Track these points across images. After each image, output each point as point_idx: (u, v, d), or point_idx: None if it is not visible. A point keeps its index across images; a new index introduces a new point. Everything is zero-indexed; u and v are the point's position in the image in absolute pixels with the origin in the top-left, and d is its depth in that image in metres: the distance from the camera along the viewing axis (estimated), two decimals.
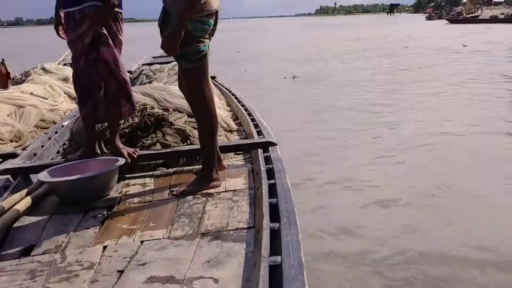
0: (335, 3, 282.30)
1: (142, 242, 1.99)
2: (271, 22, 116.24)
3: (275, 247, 1.65)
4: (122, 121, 3.14)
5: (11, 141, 4.68)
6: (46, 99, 5.70)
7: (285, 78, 12.18)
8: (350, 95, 9.44)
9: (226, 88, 5.67)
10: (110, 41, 2.76)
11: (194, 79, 2.52)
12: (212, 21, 2.46)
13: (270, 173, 2.48)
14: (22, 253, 2.03)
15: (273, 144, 2.99)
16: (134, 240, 2.02)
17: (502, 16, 43.91)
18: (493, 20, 42.85)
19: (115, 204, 2.49)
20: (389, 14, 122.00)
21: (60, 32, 2.89)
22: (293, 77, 12.14)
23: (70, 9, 2.69)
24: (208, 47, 2.47)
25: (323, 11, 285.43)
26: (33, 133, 5.03)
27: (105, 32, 2.74)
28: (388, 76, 11.77)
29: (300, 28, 60.78)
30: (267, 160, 2.74)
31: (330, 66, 14.78)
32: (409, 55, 17.18)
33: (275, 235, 1.74)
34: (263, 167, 2.55)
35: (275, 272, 1.47)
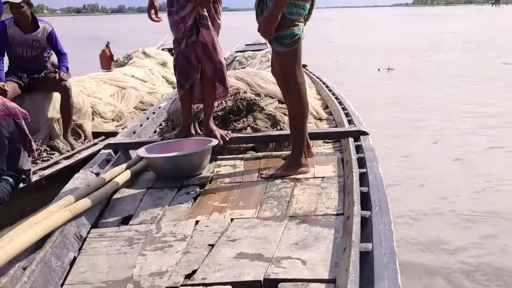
0: None
1: (232, 219, 2.05)
2: (365, 12, 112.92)
3: (366, 235, 1.62)
4: (216, 104, 3.24)
5: (113, 120, 5.02)
6: (145, 82, 6.03)
7: (379, 70, 11.79)
8: (451, 92, 8.83)
9: (316, 77, 5.63)
10: (210, 23, 2.84)
11: (287, 63, 2.52)
12: (308, 5, 2.44)
13: (361, 162, 2.43)
14: (121, 222, 2.17)
15: (365, 133, 2.92)
16: (224, 217, 2.08)
17: None
18: None
19: (207, 183, 2.58)
20: (494, 5, 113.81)
21: (152, 15, 2.95)
22: (388, 70, 11.72)
23: None
24: (302, 31, 2.46)
25: (421, 1, 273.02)
26: (132, 114, 5.36)
27: (206, 14, 2.82)
28: (497, 75, 10.85)
29: (395, 18, 58.39)
30: (358, 149, 2.69)
31: (428, 60, 13.97)
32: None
33: (365, 222, 1.71)
34: (354, 156, 2.51)
35: (366, 259, 1.45)
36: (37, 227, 1.75)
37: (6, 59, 4.10)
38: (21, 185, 2.96)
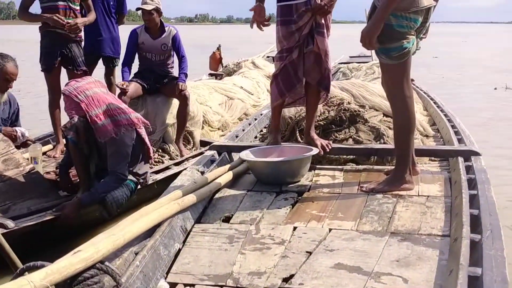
0: None
1: (330, 229, 2.04)
2: (479, 29, 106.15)
3: (475, 259, 1.53)
4: (318, 113, 3.24)
5: (218, 129, 5.19)
6: (252, 94, 6.16)
7: (495, 89, 11.02)
8: None
9: (424, 92, 5.40)
10: (325, 31, 2.85)
11: (394, 76, 2.46)
12: (420, 19, 2.35)
13: (471, 184, 2.29)
14: (222, 220, 2.25)
15: (476, 153, 2.76)
16: (322, 226, 2.08)
17: None
18: None
19: (306, 191, 2.59)
20: None
21: (262, 23, 2.89)
22: (506, 88, 10.91)
23: (294, 2, 2.82)
24: (413, 44, 2.38)
25: None
26: (236, 124, 5.50)
27: (323, 22, 2.83)
28: None
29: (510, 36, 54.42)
30: (468, 169, 2.54)
31: None
32: None
33: (475, 246, 1.61)
34: (464, 176, 2.37)
35: (474, 284, 1.37)
36: (149, 216, 1.88)
37: (136, 61, 4.41)
38: (138, 186, 3.17)
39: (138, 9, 4.21)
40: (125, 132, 2.89)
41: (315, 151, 2.83)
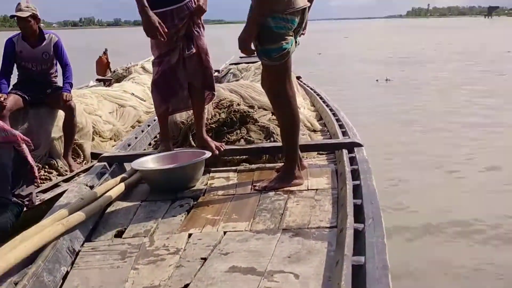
0: (428, 5, 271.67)
1: (225, 232, 2.04)
2: (359, 24, 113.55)
3: (358, 248, 1.62)
4: (209, 117, 3.25)
5: (110, 139, 4.97)
6: (144, 101, 6.00)
7: (377, 80, 11.84)
8: (449, 103, 8.87)
9: (310, 88, 5.65)
10: (202, 29, 2.87)
11: (276, 77, 2.52)
12: (297, 19, 2.43)
13: (355, 174, 2.43)
14: (114, 235, 2.16)
15: (359, 145, 2.93)
16: (217, 230, 2.08)
17: None
18: None
19: (201, 195, 2.58)
20: (486, 17, 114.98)
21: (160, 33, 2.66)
22: (387, 80, 11.77)
23: (170, 8, 2.74)
24: (291, 45, 2.46)
25: (415, 13, 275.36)
26: (129, 133, 5.31)
27: (199, 21, 2.84)
28: (490, 86, 10.91)
29: (390, 30, 58.95)
30: (352, 161, 2.69)
31: (425, 71, 14.04)
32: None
33: (358, 235, 1.71)
34: (347, 168, 2.51)
35: (358, 272, 1.45)
36: (29, 241, 1.74)
37: (15, 72, 4.09)
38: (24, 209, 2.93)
39: (12, 16, 3.90)
40: (1, 152, 2.66)
41: (208, 154, 2.83)
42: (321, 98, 4.98)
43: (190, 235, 2.05)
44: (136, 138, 3.79)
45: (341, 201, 2.17)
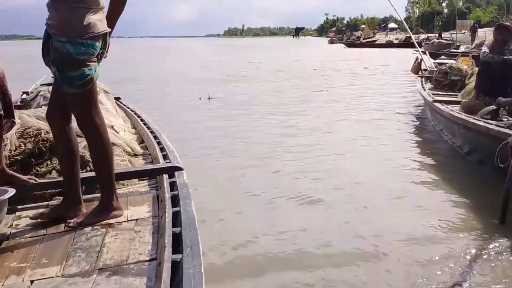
0: (243, 25, 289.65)
1: (32, 282, 1.82)
2: (180, 42, 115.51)
3: (177, 280, 1.58)
4: (13, 148, 2.90)
5: None
6: None
7: (200, 99, 12.05)
8: (264, 118, 9.45)
9: (131, 110, 5.49)
10: None
11: (82, 105, 2.37)
12: (98, 44, 2.33)
13: (175, 200, 2.40)
14: None
15: (179, 168, 2.91)
16: (23, 280, 1.84)
17: (397, 41, 47.46)
18: (389, 44, 46.11)
19: (4, 239, 2.27)
20: (294, 37, 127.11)
21: None
22: (209, 99, 12.05)
23: None
24: (95, 71, 2.34)
25: (231, 32, 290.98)
26: None
27: None
28: (299, 99, 12.01)
29: (211, 48, 61.12)
30: (173, 186, 2.66)
31: (244, 88, 14.81)
32: (320, 77, 17.87)
33: (177, 267, 1.67)
34: (168, 194, 2.47)
35: None
36: None
37: None
38: None
39: None
40: None
41: (11, 192, 2.51)
42: (142, 120, 4.87)
43: None
44: None
45: (161, 231, 2.12)
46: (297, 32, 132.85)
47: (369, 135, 7.72)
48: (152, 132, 4.24)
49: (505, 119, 5.68)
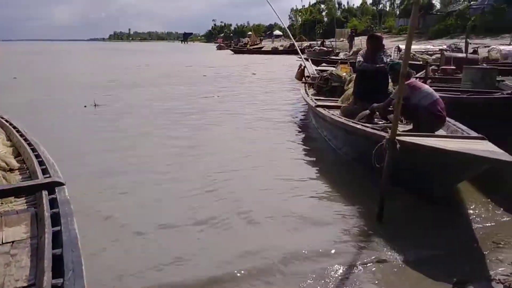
0: (129, 30, 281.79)
1: None
2: (63, 46, 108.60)
3: None
4: None
5: None
6: None
7: (85, 106, 11.38)
8: (150, 124, 9.25)
9: (6, 120, 5.04)
10: None
11: None
12: None
13: (56, 219, 2.25)
14: None
15: (60, 184, 2.73)
16: None
17: (282, 48, 49.35)
18: (275, 51, 47.78)
19: None
20: (183, 42, 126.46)
21: None
22: (95, 106, 11.44)
23: None
24: None
25: (117, 36, 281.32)
26: None
27: None
28: (189, 106, 11.87)
29: (96, 53, 58.43)
30: (52, 203, 2.48)
31: (131, 94, 14.32)
32: (211, 83, 17.88)
33: None
34: (47, 212, 2.30)
35: None
36: None
37: None
38: None
39: None
40: None
41: None
42: (18, 131, 4.49)
43: None
44: None
45: (40, 253, 1.96)
46: (186, 37, 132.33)
47: (255, 140, 7.87)
48: (29, 144, 3.94)
49: (380, 122, 6.20)
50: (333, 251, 3.75)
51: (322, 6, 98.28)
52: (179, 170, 6.06)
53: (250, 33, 74.47)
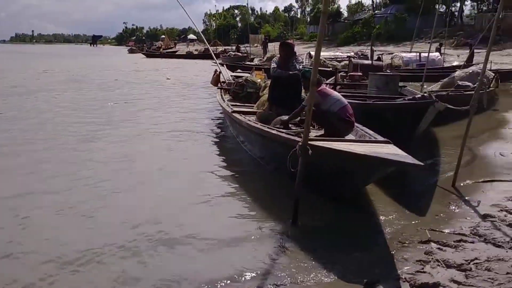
0: (32, 31, 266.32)
1: None
2: None
3: None
4: None
5: None
6: None
7: None
8: (57, 131, 8.77)
9: None
10: None
11: None
12: None
13: None
14: None
15: None
16: None
17: (196, 52, 49.07)
18: (189, 55, 47.36)
19: None
20: (92, 45, 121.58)
21: None
22: None
23: None
24: None
25: (19, 39, 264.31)
26: None
27: None
28: (99, 111, 11.39)
29: None
30: None
31: (37, 100, 13.39)
32: (121, 88, 17.28)
33: None
34: None
35: None
36: None
37: None
38: None
39: None
40: None
41: None
42: None
43: None
44: None
45: None
46: (95, 40, 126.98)
47: (171, 147, 7.73)
48: None
49: (295, 128, 6.39)
50: (247, 251, 3.84)
51: (236, 11, 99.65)
52: (73, 186, 5.53)
53: (163, 36, 73.32)
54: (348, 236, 4.21)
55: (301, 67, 7.52)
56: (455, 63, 21.22)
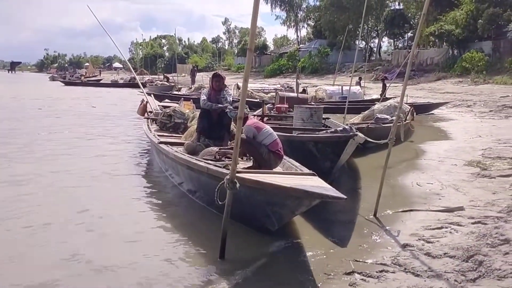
0: None
1: None
2: None
3: None
4: None
5: None
6: None
7: None
8: None
9: None
10: None
11: None
12: None
13: None
14: None
15: None
16: None
17: (122, 81, 48.05)
18: (114, 84, 46.17)
19: None
20: (10, 72, 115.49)
21: None
22: None
23: None
24: None
25: None
26: None
27: None
28: (19, 142, 10.72)
29: None
30: None
31: None
32: (45, 117, 16.43)
33: None
34: None
35: None
36: None
37: None
38: None
39: None
40: None
41: None
42: None
43: None
44: None
45: None
46: (13, 66, 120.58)
47: (94, 182, 7.34)
48: None
49: (224, 159, 6.37)
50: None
51: (163, 40, 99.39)
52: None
53: (87, 64, 71.39)
54: (275, 268, 4.22)
55: (230, 99, 7.61)
56: (374, 96, 22.45)
